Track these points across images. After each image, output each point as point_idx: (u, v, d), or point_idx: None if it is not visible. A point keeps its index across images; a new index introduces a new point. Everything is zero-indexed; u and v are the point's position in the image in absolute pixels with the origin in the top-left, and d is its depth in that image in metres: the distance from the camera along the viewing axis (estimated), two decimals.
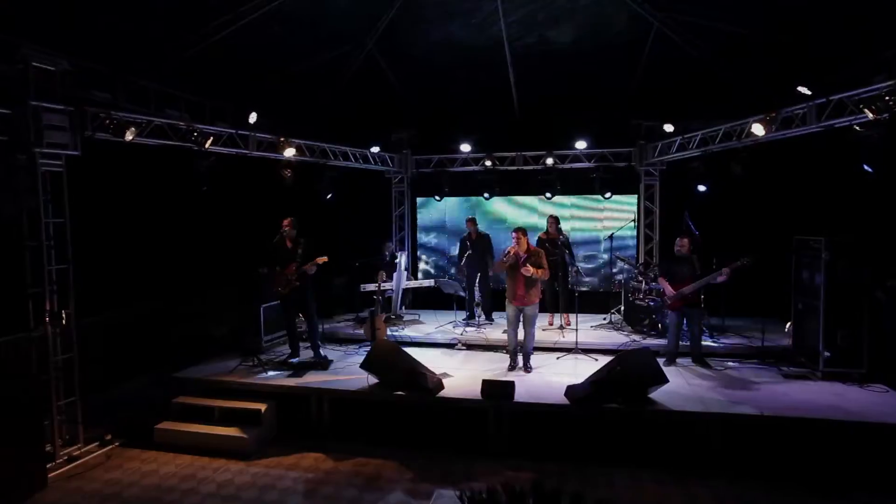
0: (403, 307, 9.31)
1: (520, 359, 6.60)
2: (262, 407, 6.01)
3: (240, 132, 7.12)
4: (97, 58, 6.45)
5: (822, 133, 5.83)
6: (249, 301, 7.51)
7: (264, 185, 7.94)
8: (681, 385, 5.86)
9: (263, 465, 5.49)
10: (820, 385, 5.79)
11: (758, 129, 6.27)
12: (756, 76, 6.96)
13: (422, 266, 10.58)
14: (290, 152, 7.62)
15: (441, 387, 5.78)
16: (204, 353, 7.15)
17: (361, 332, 7.78)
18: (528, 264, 6.23)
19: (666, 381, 5.33)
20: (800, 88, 5.38)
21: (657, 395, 5.43)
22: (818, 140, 6.19)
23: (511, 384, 5.54)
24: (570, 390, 5.39)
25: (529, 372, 6.52)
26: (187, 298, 7.49)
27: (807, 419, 4.90)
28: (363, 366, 6.05)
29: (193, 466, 5.46)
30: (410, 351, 7.55)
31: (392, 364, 5.88)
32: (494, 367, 6.78)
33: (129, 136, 5.73)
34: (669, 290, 6.50)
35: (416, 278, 10.30)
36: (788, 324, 6.97)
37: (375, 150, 9.07)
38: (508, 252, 6.33)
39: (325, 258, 6.87)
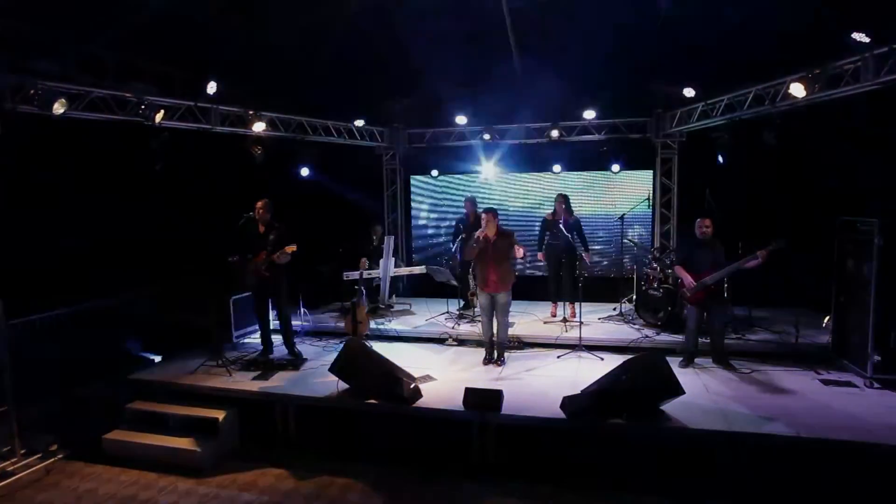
0: (394, 296, 8.55)
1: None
2: (220, 415, 5.34)
3: (199, 105, 6.32)
4: (40, 21, 5.71)
5: (877, 92, 4.81)
6: (218, 292, 6.82)
7: (235, 165, 7.17)
8: (699, 393, 5.01)
9: (216, 483, 4.83)
10: (868, 396, 4.88)
11: (797, 90, 5.26)
12: (797, 24, 5.87)
13: (417, 250, 9.77)
14: (259, 127, 6.81)
15: (418, 395, 5.03)
16: (167, 352, 6.51)
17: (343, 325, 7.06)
18: (517, 246, 5.71)
19: (681, 392, 4.49)
20: (855, 35, 4.35)
21: (671, 407, 4.59)
22: (869, 102, 5.18)
23: (498, 393, 4.76)
24: (567, 402, 4.59)
25: (501, 365, 5.98)
26: (147, 291, 6.81)
27: (855, 444, 4.01)
28: (332, 369, 5.32)
29: (138, 485, 4.83)
30: (396, 346, 6.91)
31: (364, 368, 5.14)
32: (487, 367, 6.00)
33: (58, 110, 4.97)
34: (689, 279, 5.60)
35: (410, 264, 9.53)
36: (827, 318, 6.04)
37: (360, 123, 8.22)
38: (478, 237, 5.69)
39: (293, 247, 6.11)
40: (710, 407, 4.71)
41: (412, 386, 5.05)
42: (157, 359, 6.52)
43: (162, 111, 5.75)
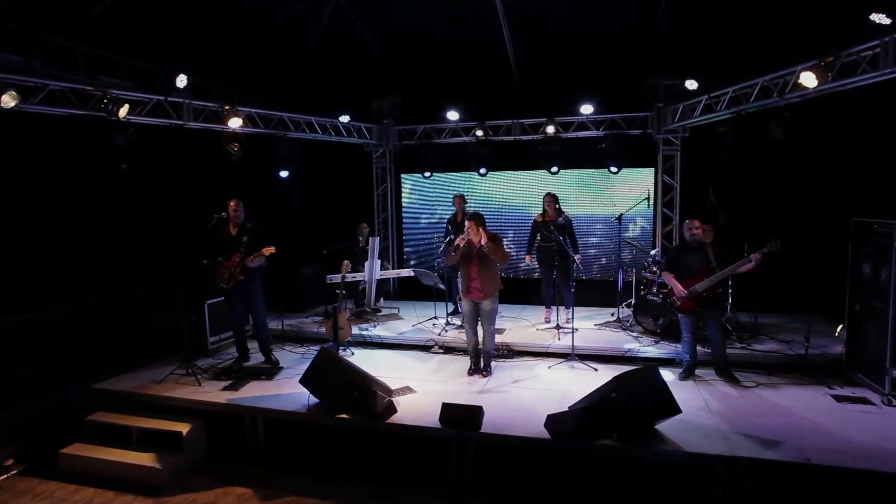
0: (382, 299, 8.19)
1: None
2: (184, 429, 4.99)
3: (170, 99, 5.98)
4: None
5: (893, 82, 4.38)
6: (189, 297, 6.49)
7: (212, 163, 6.81)
8: (699, 411, 4.59)
9: None
10: (886, 415, 4.43)
11: (808, 80, 4.83)
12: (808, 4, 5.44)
13: (409, 251, 9.39)
14: (236, 123, 6.46)
15: (392, 410, 4.66)
16: (138, 359, 6.18)
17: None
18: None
19: (677, 411, 4.08)
20: (874, 16, 3.91)
21: (667, 426, 4.19)
22: (888, 93, 4.74)
23: (478, 410, 4.37)
24: (552, 421, 4.19)
25: (487, 376, 5.59)
26: (118, 295, 6.48)
27: (873, 473, 3.57)
28: (303, 381, 4.96)
29: None
30: (379, 354, 6.54)
31: (335, 380, 4.77)
32: (472, 377, 5.62)
33: (8, 103, 4.63)
34: (678, 287, 5.19)
35: (401, 266, 9.17)
36: (840, 327, 5.60)
37: (345, 119, 7.85)
38: (457, 244, 5.39)
39: (271, 249, 5.77)
40: (709, 426, 4.29)
41: (386, 400, 4.67)
42: None
43: (126, 105, 5.40)
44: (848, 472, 3.60)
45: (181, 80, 5.80)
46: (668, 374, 5.43)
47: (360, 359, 6.34)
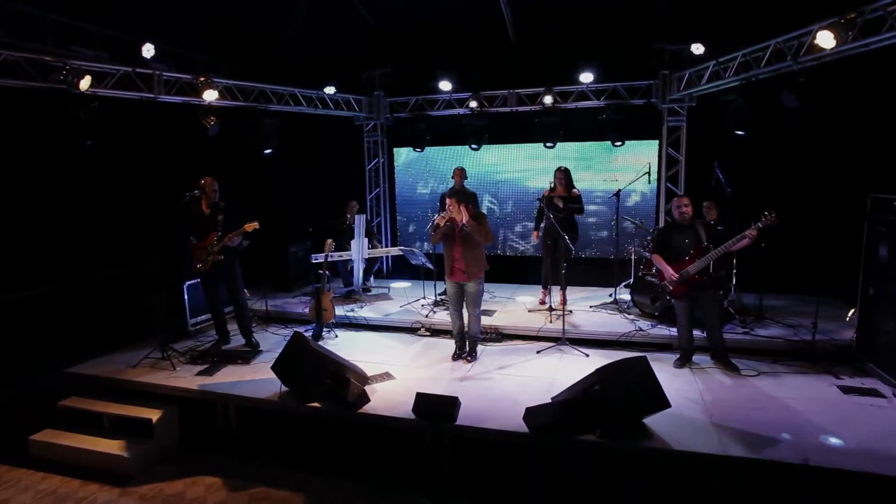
0: (373, 278, 7.92)
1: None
2: (155, 416, 4.82)
3: (138, 70, 5.66)
4: None
5: None
6: (163, 278, 6.28)
7: (190, 139, 6.50)
8: (692, 403, 4.28)
9: (139, 495, 4.33)
10: None
11: (825, 40, 4.34)
12: None
13: (402, 229, 9.07)
14: (211, 95, 6.13)
15: (365, 399, 4.42)
16: (115, 342, 6.00)
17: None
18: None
19: (666, 406, 3.77)
20: None
21: (657, 420, 3.88)
22: None
23: (453, 401, 4.11)
24: (531, 414, 3.92)
25: (472, 361, 5.33)
26: (92, 277, 6.28)
27: (878, 477, 3.25)
28: (275, 368, 4.74)
29: (55, 495, 4.35)
30: (363, 336, 6.31)
31: (307, 367, 4.53)
32: (456, 363, 5.35)
33: None
34: (669, 270, 4.83)
35: (395, 244, 8.88)
36: (852, 311, 5.21)
37: (331, 90, 7.46)
38: (436, 222, 5.11)
39: (255, 224, 5.51)
40: (702, 421, 3.98)
41: (359, 389, 4.43)
42: None
43: (88, 77, 5.09)
44: (850, 474, 3.28)
45: (148, 50, 5.48)
46: (663, 361, 5.14)
47: (344, 341, 6.12)
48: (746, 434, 3.77)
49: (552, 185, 6.56)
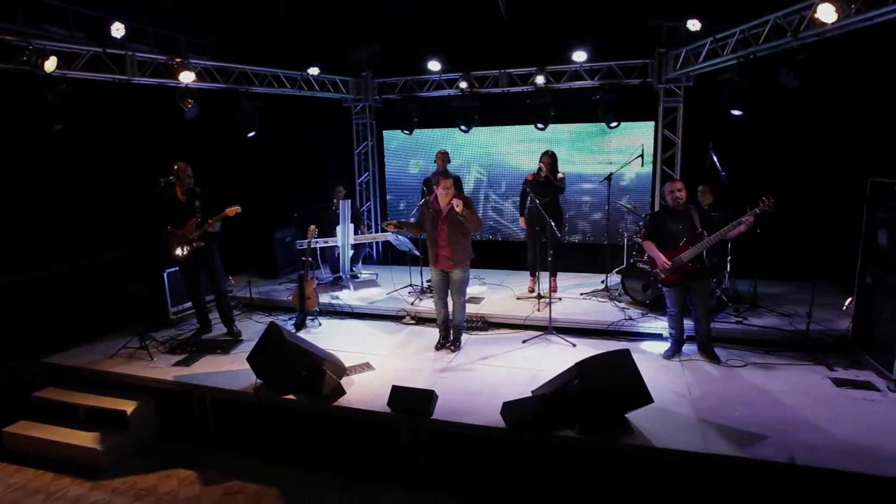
0: (361, 263, 7.77)
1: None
2: (130, 407, 4.72)
3: (108, 51, 5.43)
4: None
5: None
6: (150, 265, 6.15)
7: (170, 123, 6.28)
8: (679, 397, 4.13)
9: (112, 488, 4.24)
10: (891, 404, 3.90)
11: (826, 13, 4.08)
12: None
13: (393, 214, 8.87)
14: (188, 77, 5.90)
15: (340, 392, 4.28)
16: (94, 331, 5.89)
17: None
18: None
19: (649, 401, 3.62)
20: None
21: (640, 415, 3.74)
22: None
23: (430, 395, 3.97)
24: (509, 408, 3.78)
25: (455, 351, 5.20)
26: (72, 265, 6.13)
27: (867, 477, 3.10)
28: (250, 359, 4.61)
29: (25, 489, 4.27)
30: (347, 324, 6.18)
31: (282, 358, 4.39)
32: (439, 353, 5.22)
33: None
34: (661, 258, 4.63)
35: (385, 229, 8.69)
36: (849, 300, 5.02)
37: (314, 71, 7.22)
38: (421, 209, 4.95)
39: (236, 208, 5.35)
40: (688, 416, 3.84)
41: (335, 382, 4.29)
42: None
43: (53, 58, 4.88)
44: (837, 474, 3.13)
45: (118, 29, 5.23)
46: (653, 352, 4.99)
47: (327, 330, 5.99)
48: (733, 430, 3.62)
49: (540, 168, 6.31)
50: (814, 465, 3.19)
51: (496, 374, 4.70)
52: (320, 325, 6.11)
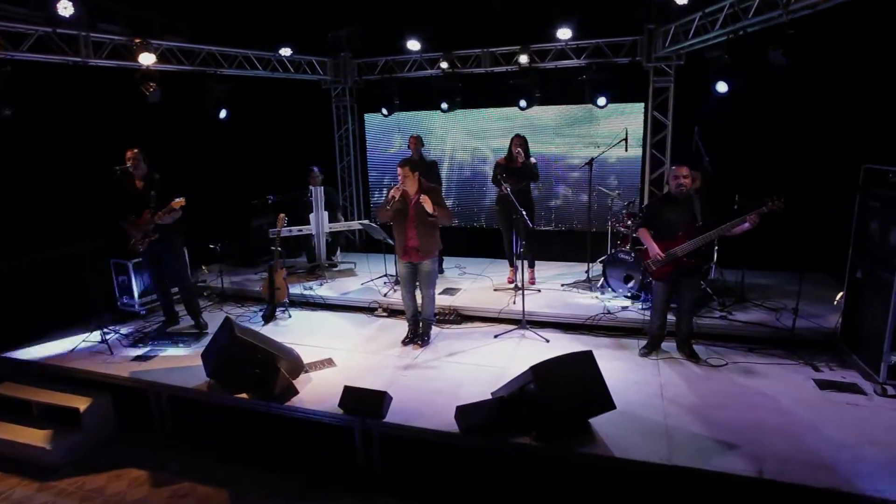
0: (339, 251, 7.54)
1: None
2: (83, 405, 4.56)
3: (59, 31, 5.16)
4: None
5: None
6: (113, 256, 5.96)
7: (135, 108, 6.01)
8: (650, 399, 3.88)
9: (58, 490, 4.10)
10: (875, 410, 3.63)
11: None
12: None
13: (377, 201, 8.61)
14: (148, 59, 5.63)
15: (292, 391, 4.09)
16: (57, 325, 5.72)
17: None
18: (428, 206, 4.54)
19: (611, 407, 3.38)
20: None
21: (606, 421, 3.49)
22: None
23: (381, 396, 3.76)
24: (464, 413, 3.55)
25: (423, 346, 4.98)
26: (31, 258, 5.93)
27: (840, 494, 2.84)
28: (205, 356, 4.43)
29: None
30: (317, 316, 5.97)
31: (236, 355, 4.19)
32: (406, 348, 5.00)
33: None
34: (655, 249, 4.32)
35: (368, 217, 8.46)
36: (840, 295, 4.71)
37: (286, 52, 6.91)
38: (391, 196, 4.58)
39: (181, 201, 5.10)
40: (656, 422, 3.59)
41: (287, 380, 4.09)
42: None
43: None
44: (808, 490, 2.88)
45: (65, 7, 4.93)
46: (629, 349, 4.74)
47: (296, 322, 5.80)
48: (702, 438, 3.38)
49: (518, 153, 5.95)
50: (781, 479, 2.93)
51: (461, 372, 4.48)
52: (290, 316, 5.90)
